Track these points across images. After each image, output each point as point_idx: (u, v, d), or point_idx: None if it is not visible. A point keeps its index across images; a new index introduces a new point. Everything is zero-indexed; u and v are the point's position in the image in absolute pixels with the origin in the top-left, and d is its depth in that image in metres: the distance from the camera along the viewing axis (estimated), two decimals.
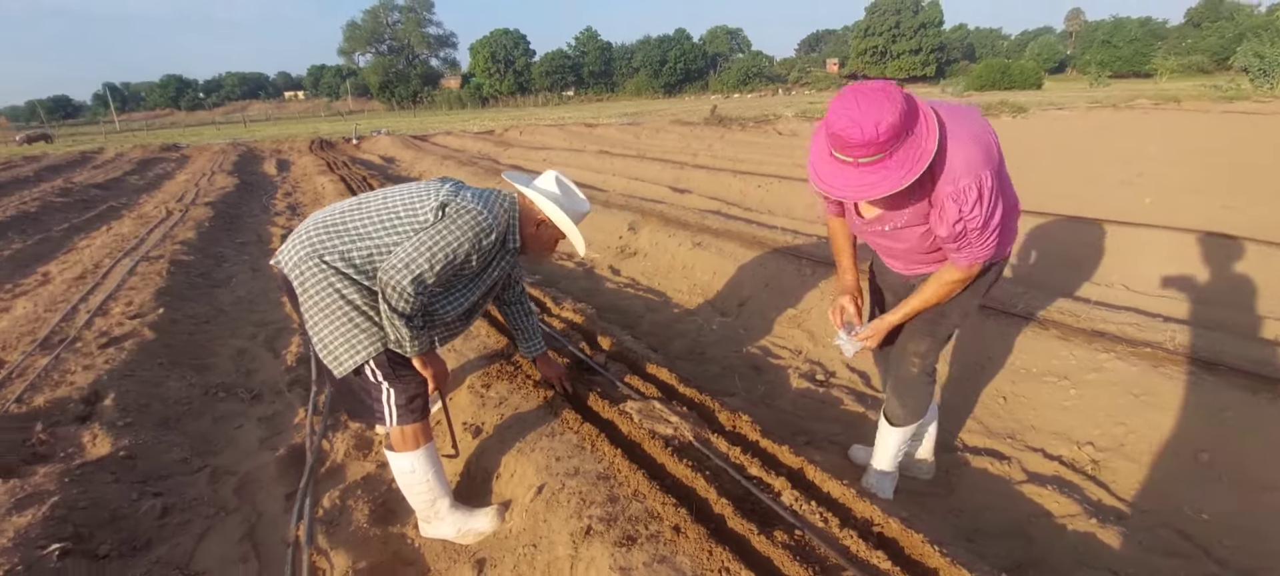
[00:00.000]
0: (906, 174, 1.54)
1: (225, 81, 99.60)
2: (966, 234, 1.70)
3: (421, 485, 2.13)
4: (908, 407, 2.19)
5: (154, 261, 5.47)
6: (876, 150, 1.51)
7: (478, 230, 1.94)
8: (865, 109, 1.48)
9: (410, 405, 2.04)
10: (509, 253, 2.14)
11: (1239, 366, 2.63)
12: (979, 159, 1.63)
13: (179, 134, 33.86)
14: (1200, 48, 57.50)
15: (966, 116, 1.72)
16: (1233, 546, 2.08)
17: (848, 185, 1.59)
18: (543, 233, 2.15)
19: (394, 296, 1.85)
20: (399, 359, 2.02)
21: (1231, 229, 4.68)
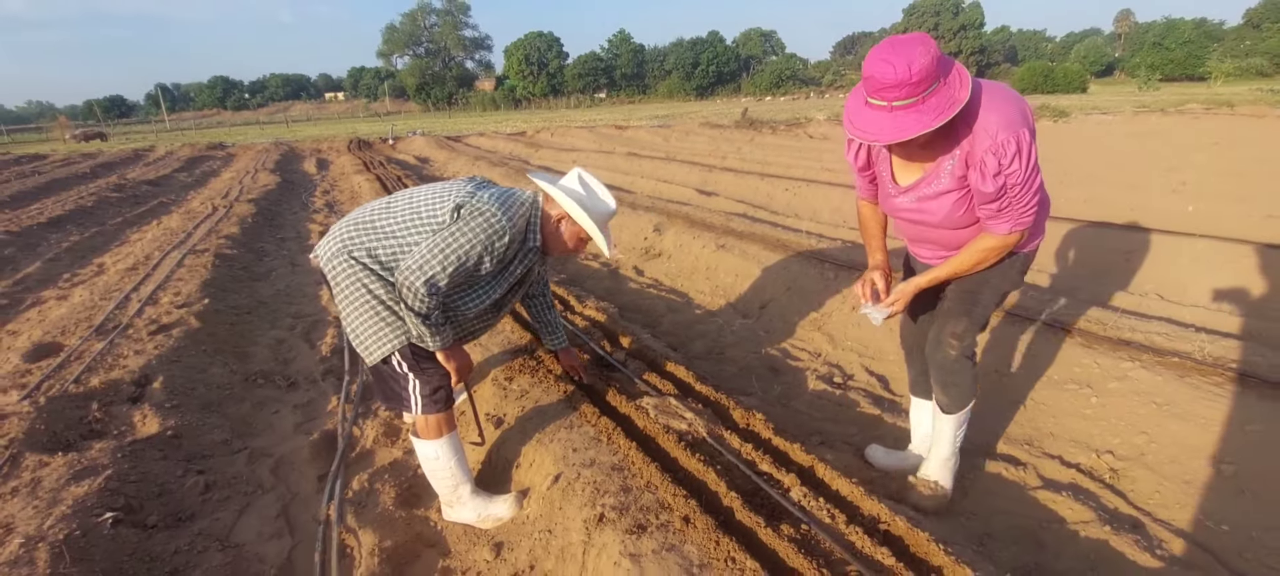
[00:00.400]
0: (938, 115, 1.60)
1: (269, 82, 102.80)
2: (1007, 191, 1.73)
3: (444, 471, 2.22)
4: (952, 394, 2.18)
5: (200, 255, 5.73)
6: (910, 92, 1.59)
7: (490, 232, 1.97)
8: (900, 51, 1.57)
9: (434, 396, 2.12)
10: (529, 251, 2.16)
11: (1269, 378, 2.57)
12: (1016, 117, 1.68)
13: (225, 133, 35.10)
14: (1259, 50, 55.20)
15: (999, 86, 1.78)
16: (1253, 559, 2.05)
17: (882, 128, 1.66)
18: (565, 231, 2.17)
19: (409, 297, 1.92)
20: (423, 351, 2.10)
21: (1271, 238, 4.54)
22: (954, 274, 1.98)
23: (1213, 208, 6.15)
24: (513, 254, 2.12)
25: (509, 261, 2.14)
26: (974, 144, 1.72)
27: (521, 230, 2.08)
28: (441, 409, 2.15)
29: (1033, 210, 1.78)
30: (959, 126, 1.74)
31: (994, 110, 1.69)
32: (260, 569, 2.16)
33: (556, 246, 2.21)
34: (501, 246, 2.01)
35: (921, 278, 2.03)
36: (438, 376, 2.13)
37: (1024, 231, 1.84)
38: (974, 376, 2.18)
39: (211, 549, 2.21)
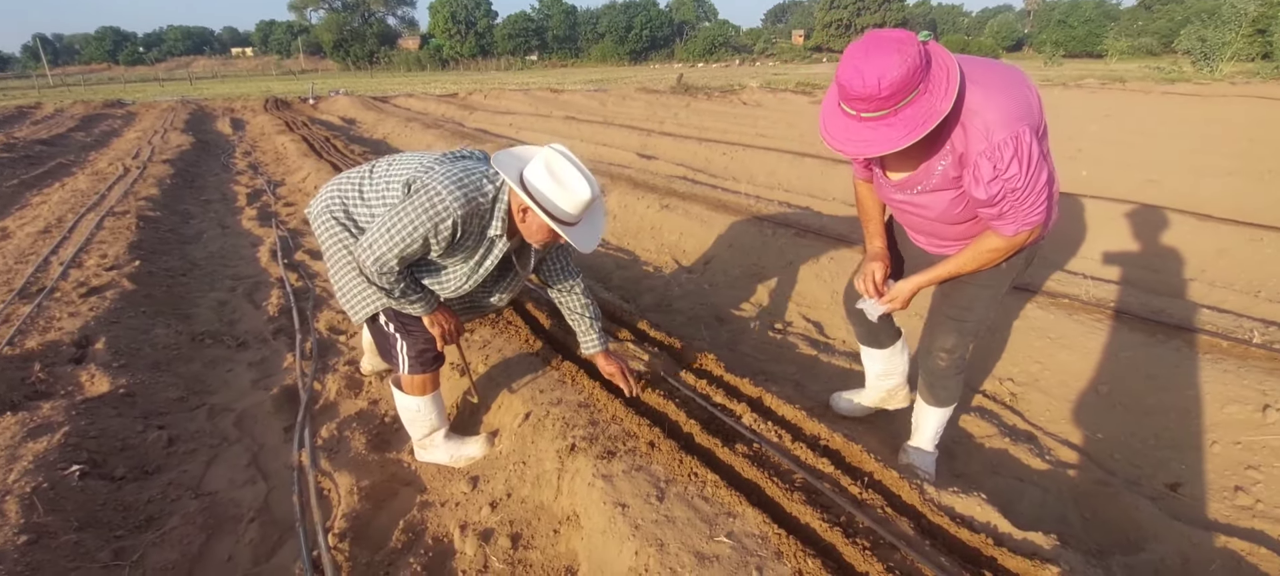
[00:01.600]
0: (909, 133, 1.45)
1: (167, 35, 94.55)
2: (1005, 197, 1.56)
3: (422, 420, 2.33)
4: (939, 396, 2.18)
5: (120, 217, 5.44)
6: (880, 105, 1.44)
7: (433, 215, 1.83)
8: (872, 60, 1.41)
9: (420, 358, 2.18)
10: (492, 241, 2.00)
11: (1138, 314, 3.01)
12: (1016, 111, 1.50)
13: (121, 90, 32.23)
14: (1150, 30, 59.59)
15: (1005, 71, 1.60)
16: (1122, 459, 2.45)
17: (850, 139, 1.53)
18: (530, 223, 1.94)
19: (364, 273, 1.94)
20: (409, 318, 2.14)
21: (1151, 200, 5.14)
22: (956, 273, 1.84)
23: (1102, 173, 6.82)
24: (471, 242, 1.96)
25: (472, 251, 2.00)
26: (968, 144, 1.55)
27: (478, 215, 1.90)
28: (426, 369, 2.21)
29: (1041, 209, 1.60)
30: (949, 123, 1.55)
31: (991, 105, 1.51)
32: (237, 512, 2.22)
33: (529, 236, 1.99)
34: (446, 231, 1.85)
35: (921, 277, 1.91)
36: (423, 338, 2.16)
37: (1033, 229, 1.66)
38: (960, 383, 2.17)
39: (185, 497, 2.26)
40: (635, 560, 1.71)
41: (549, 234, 1.94)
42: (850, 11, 75.93)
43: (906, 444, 2.38)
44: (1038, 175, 1.54)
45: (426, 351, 2.18)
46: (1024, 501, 2.18)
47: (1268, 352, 2.63)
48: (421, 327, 2.15)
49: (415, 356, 2.17)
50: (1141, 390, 2.62)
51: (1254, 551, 1.93)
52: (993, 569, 1.69)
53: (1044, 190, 1.57)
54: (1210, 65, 27.42)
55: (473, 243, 1.97)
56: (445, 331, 2.15)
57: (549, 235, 1.95)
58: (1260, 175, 6.52)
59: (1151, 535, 2.02)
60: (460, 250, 1.98)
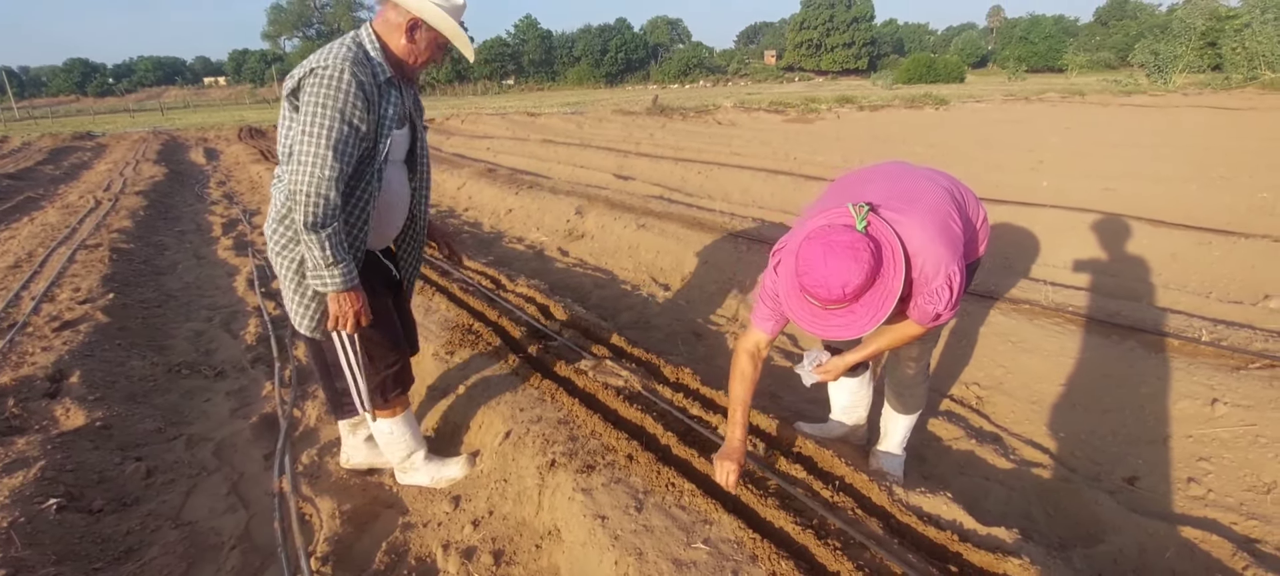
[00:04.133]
0: (875, 317, 1.62)
1: (138, 66, 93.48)
2: (940, 316, 1.81)
3: (398, 443, 2.30)
4: (906, 404, 2.30)
5: (93, 250, 5.39)
6: (846, 302, 1.60)
7: (334, 85, 1.67)
8: (833, 268, 1.56)
9: (382, 388, 2.09)
10: (383, 84, 1.82)
11: (1096, 317, 3.14)
12: (945, 254, 1.70)
13: (90, 121, 31.77)
14: (1106, 44, 61.79)
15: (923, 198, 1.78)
16: (1083, 457, 2.56)
17: (815, 324, 1.70)
18: (421, 40, 1.84)
19: (309, 206, 1.68)
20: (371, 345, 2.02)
21: (1108, 207, 5.35)
22: (878, 351, 2.04)
23: (1063, 182, 7.07)
24: (376, 98, 1.80)
25: (380, 110, 1.82)
26: (912, 290, 1.76)
27: (362, 64, 1.75)
28: (390, 398, 2.14)
29: (952, 313, 1.82)
30: None
31: (928, 254, 1.70)
32: (218, 541, 2.22)
33: (411, 60, 1.87)
34: (357, 93, 1.70)
35: (852, 355, 2.06)
36: (381, 366, 2.08)
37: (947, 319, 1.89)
38: (926, 390, 2.31)
39: (164, 527, 2.25)
40: (615, 569, 1.75)
41: (435, 48, 1.87)
42: (820, 32, 77.63)
43: (875, 448, 2.46)
44: (959, 293, 1.77)
45: (386, 379, 2.10)
46: (990, 499, 2.27)
47: (1215, 350, 2.77)
48: (381, 354, 2.05)
49: (376, 388, 2.09)
50: (1099, 389, 2.73)
51: (1206, 538, 2.03)
52: (958, 563, 1.76)
53: (959, 300, 1.80)
54: (1163, 77, 28.48)
55: (379, 104, 1.81)
56: (357, 310, 1.87)
57: (435, 50, 1.87)
58: (1211, 181, 6.80)
59: (1110, 527, 2.11)
60: (374, 118, 1.79)
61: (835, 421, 2.63)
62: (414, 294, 3.78)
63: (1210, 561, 1.96)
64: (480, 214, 7.39)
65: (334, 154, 1.68)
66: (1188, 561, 1.98)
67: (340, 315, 1.86)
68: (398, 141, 1.94)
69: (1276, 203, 5.72)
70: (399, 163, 2.01)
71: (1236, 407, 2.42)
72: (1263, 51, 25.71)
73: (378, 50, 1.82)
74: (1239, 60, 26.51)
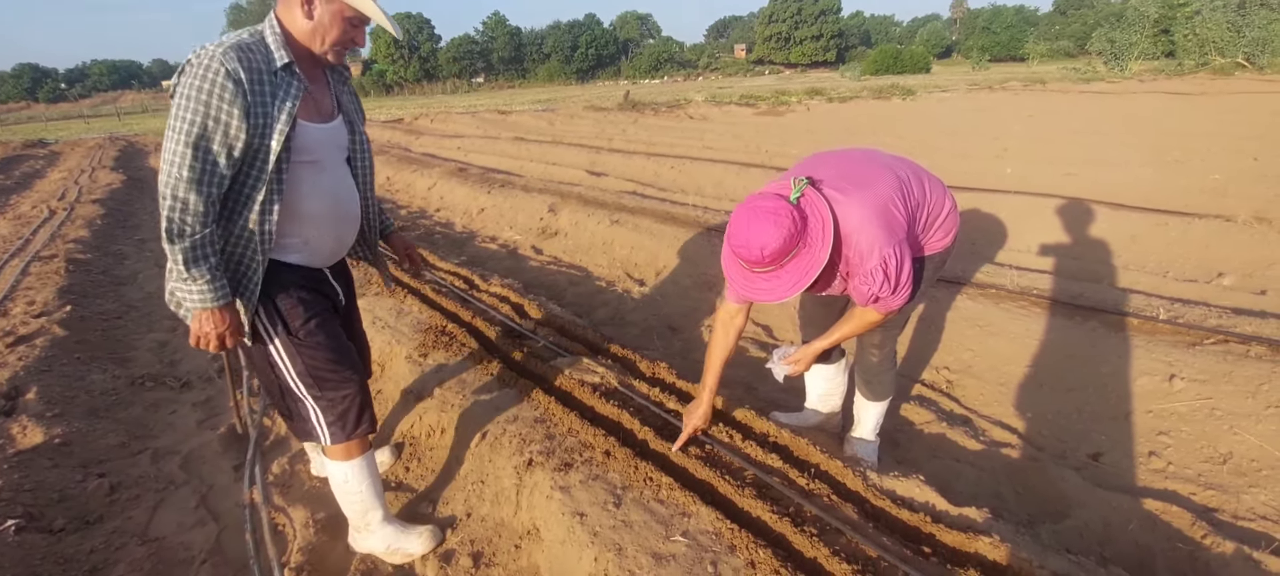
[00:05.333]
0: (796, 284, 1.70)
1: (91, 70, 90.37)
2: (881, 300, 1.85)
3: (354, 495, 1.99)
4: (875, 390, 2.33)
5: (47, 261, 5.21)
6: (770, 263, 1.69)
7: (199, 70, 1.48)
8: (754, 231, 1.65)
9: (341, 421, 1.86)
10: (283, 72, 1.60)
11: (1059, 299, 3.22)
12: (881, 236, 1.74)
13: (42, 128, 30.65)
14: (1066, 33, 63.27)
15: (872, 186, 1.81)
16: (1049, 436, 2.62)
17: (749, 288, 1.80)
18: (321, 16, 1.62)
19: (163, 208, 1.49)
20: (326, 369, 1.80)
21: (1070, 192, 5.49)
22: (843, 338, 2.09)
23: (1026, 169, 7.23)
24: (262, 88, 1.56)
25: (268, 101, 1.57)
26: (848, 267, 1.82)
27: (250, 52, 1.55)
28: (352, 434, 1.89)
29: (905, 296, 1.84)
30: (833, 259, 1.78)
31: (863, 236, 1.75)
32: (187, 555, 2.17)
33: (320, 41, 1.66)
34: (228, 86, 1.48)
35: (819, 343, 2.13)
36: (341, 397, 1.85)
37: (903, 307, 1.93)
38: (894, 376, 2.34)
39: (130, 544, 2.19)
40: (595, 566, 1.75)
41: (346, 22, 1.65)
42: (788, 25, 78.21)
43: (850, 435, 2.49)
44: (901, 278, 1.79)
45: (348, 413, 1.86)
46: (961, 480, 2.32)
47: (1173, 327, 2.86)
48: (340, 383, 1.83)
49: (335, 421, 1.85)
50: (1064, 369, 2.81)
51: (1167, 509, 2.10)
52: (931, 544, 1.79)
53: (908, 283, 1.82)
54: (1120, 65, 29.28)
55: (269, 95, 1.57)
56: (212, 335, 1.62)
57: (346, 24, 1.65)
58: (1166, 165, 7.02)
59: (1076, 503, 2.18)
60: (259, 112, 1.55)
61: (811, 410, 2.67)
62: (386, 296, 3.75)
63: (1171, 531, 2.03)
64: (452, 214, 7.31)
65: (192, 152, 1.47)
66: (1150, 532, 2.04)
67: (199, 336, 1.61)
68: (313, 136, 1.68)
69: (1228, 184, 5.92)
70: (323, 163, 1.75)
71: (1193, 382, 2.51)
72: (1212, 38, 26.59)
73: (278, 35, 1.61)
74: (1191, 47, 27.40)
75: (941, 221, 2.07)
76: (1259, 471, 2.22)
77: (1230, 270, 3.90)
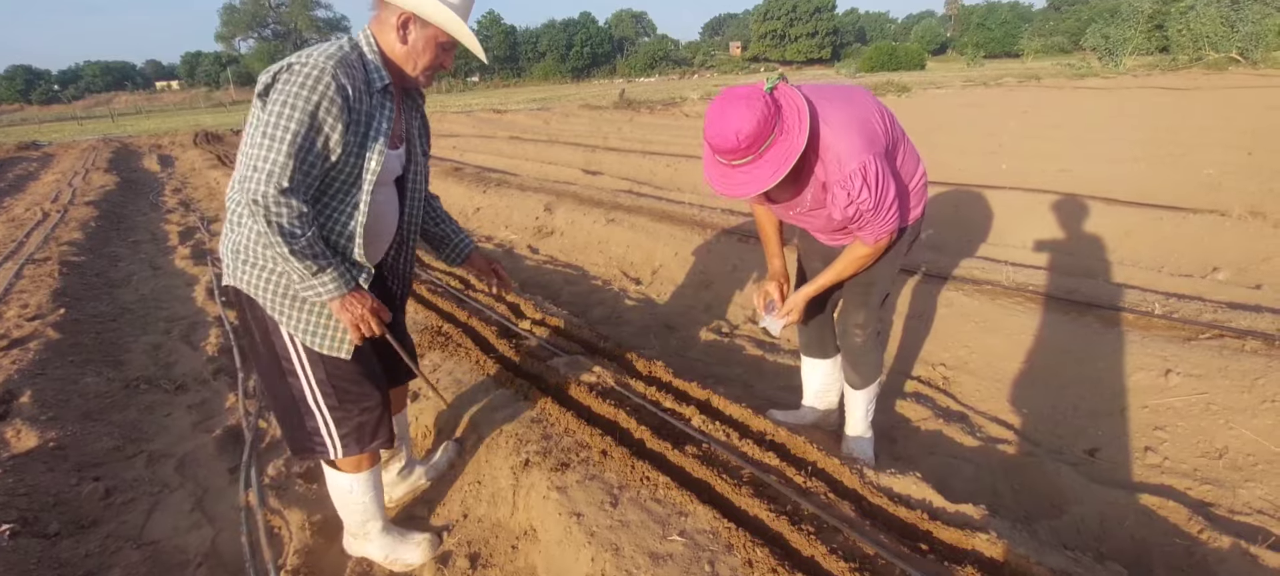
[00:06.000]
0: (774, 172, 1.67)
1: (85, 71, 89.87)
2: (861, 216, 1.79)
3: (357, 505, 1.94)
4: (862, 373, 2.31)
5: (41, 264, 5.18)
6: (744, 153, 1.66)
7: (309, 73, 1.45)
8: (727, 118, 1.64)
9: (357, 432, 1.78)
10: (378, 93, 1.60)
11: (1055, 295, 3.23)
12: (861, 144, 1.72)
13: (35, 131, 30.44)
14: (1060, 29, 63.41)
15: (852, 101, 1.81)
16: (1045, 431, 2.63)
17: (726, 183, 1.76)
18: (416, 40, 1.60)
19: (261, 214, 1.45)
20: (350, 381, 1.74)
21: (1065, 188, 5.50)
22: (837, 279, 2.06)
23: (1021, 165, 7.24)
24: (363, 107, 1.56)
25: (362, 120, 1.56)
26: (826, 174, 1.77)
27: (352, 67, 1.53)
28: (365, 446, 1.81)
29: (893, 220, 1.83)
30: (810, 159, 1.77)
31: (840, 138, 1.72)
32: (183, 559, 2.16)
33: (413, 64, 1.64)
34: (336, 97, 1.47)
35: (809, 287, 2.11)
36: (362, 413, 1.77)
37: (891, 235, 1.90)
38: (880, 357, 2.35)
39: (125, 548, 2.18)
40: (592, 566, 1.75)
41: (438, 48, 1.64)
42: (784, 22, 78.18)
43: (845, 434, 2.49)
44: (886, 195, 1.76)
45: (365, 426, 1.78)
46: (958, 477, 2.32)
47: (1168, 322, 2.87)
48: (355, 393, 1.74)
49: (350, 433, 1.76)
50: (1060, 365, 2.81)
51: (1163, 505, 2.11)
52: (929, 541, 1.80)
53: (893, 205, 1.80)
54: (1114, 60, 29.35)
55: (367, 115, 1.57)
56: (364, 313, 1.63)
57: (438, 50, 1.64)
58: (1161, 160, 7.04)
59: (1073, 498, 2.18)
60: (357, 129, 1.55)
61: (808, 408, 2.67)
62: None
63: (1168, 526, 2.03)
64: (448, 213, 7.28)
65: (297, 157, 1.44)
66: (1146, 527, 2.05)
67: (355, 322, 1.63)
68: (390, 162, 1.68)
69: (1222, 179, 5.94)
70: (388, 185, 1.76)
71: (1189, 377, 2.51)
72: (1206, 32, 26.65)
73: (376, 53, 1.60)
74: (1184, 41, 27.46)
75: (915, 184, 2.06)
76: (1255, 466, 2.23)
77: (1225, 265, 3.91)
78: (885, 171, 1.75)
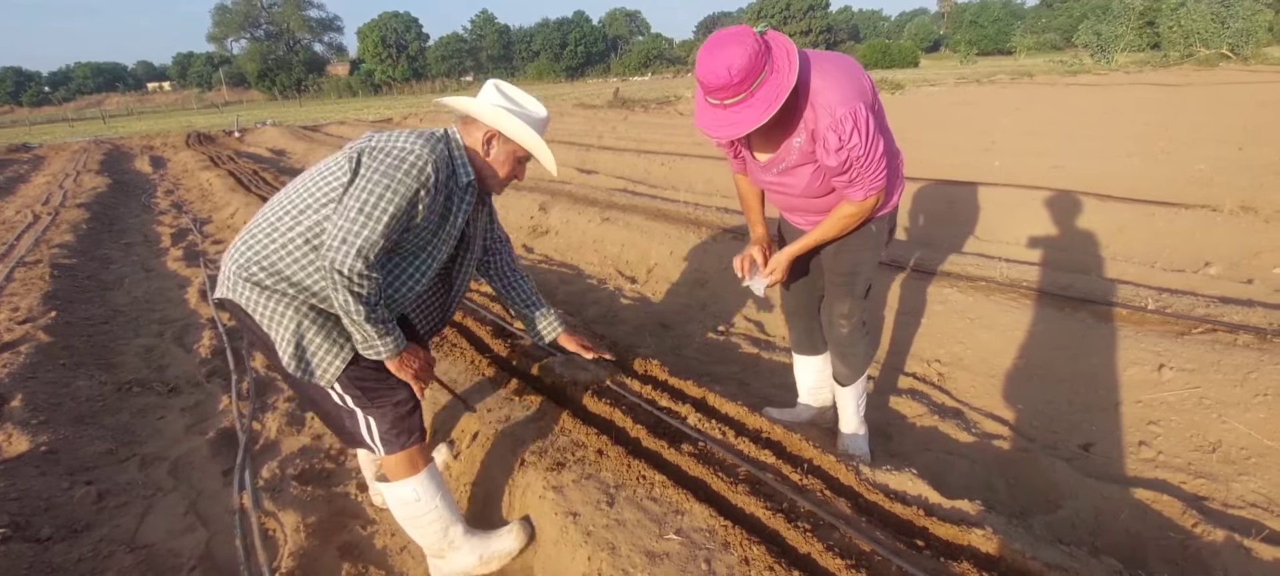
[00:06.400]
0: (767, 109, 1.68)
1: (75, 73, 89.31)
2: (852, 164, 1.79)
3: (429, 514, 1.83)
4: (850, 365, 2.29)
5: (32, 267, 5.14)
6: (736, 90, 1.66)
7: (410, 163, 1.56)
8: (718, 55, 1.64)
9: (395, 428, 1.75)
10: (465, 190, 1.75)
11: (1048, 291, 3.24)
12: (851, 91, 1.75)
13: (26, 133, 30.24)
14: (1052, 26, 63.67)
15: (840, 60, 1.85)
16: (1040, 426, 2.64)
17: (720, 124, 1.75)
18: (496, 154, 1.76)
19: (342, 283, 1.52)
20: (371, 380, 1.73)
21: (1058, 184, 5.52)
22: (822, 240, 2.05)
23: (1014, 161, 7.26)
24: (444, 197, 1.69)
25: (445, 209, 1.71)
26: (816, 121, 1.78)
27: (447, 161, 1.68)
28: (411, 441, 1.78)
29: (882, 175, 1.85)
30: (800, 105, 1.79)
31: (831, 86, 1.75)
32: (177, 562, 2.14)
33: (491, 175, 1.80)
34: (430, 177, 1.59)
35: (793, 246, 2.11)
36: (394, 403, 1.75)
37: (878, 194, 1.92)
38: (867, 347, 2.32)
39: (118, 552, 2.16)
40: (589, 565, 1.75)
41: (516, 162, 1.81)
42: (777, 20, 78.22)
43: (839, 431, 2.48)
44: (876, 144, 1.80)
45: (402, 419, 1.76)
46: (953, 473, 2.32)
47: (1161, 317, 2.88)
48: (388, 391, 1.75)
49: (389, 429, 1.75)
50: (1054, 360, 2.82)
51: (1157, 499, 2.11)
52: (924, 538, 1.80)
53: (883, 158, 1.84)
54: (1106, 57, 29.49)
55: (444, 207, 1.72)
56: (420, 368, 1.76)
57: (516, 164, 1.81)
58: (1153, 156, 7.07)
59: (1068, 493, 2.19)
60: (433, 215, 1.69)
61: (803, 405, 2.67)
62: None
63: (1162, 520, 2.04)
64: None
65: (384, 233, 1.55)
66: (1141, 521, 2.05)
67: (413, 376, 1.76)
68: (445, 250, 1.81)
69: (1213, 174, 5.97)
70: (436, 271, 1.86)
71: (1182, 372, 2.52)
72: (1197, 29, 26.82)
73: (462, 153, 1.74)
74: (1175, 38, 27.62)
75: (896, 165, 2.07)
76: (1248, 459, 2.24)
77: (1217, 259, 3.93)
78: (874, 123, 1.79)
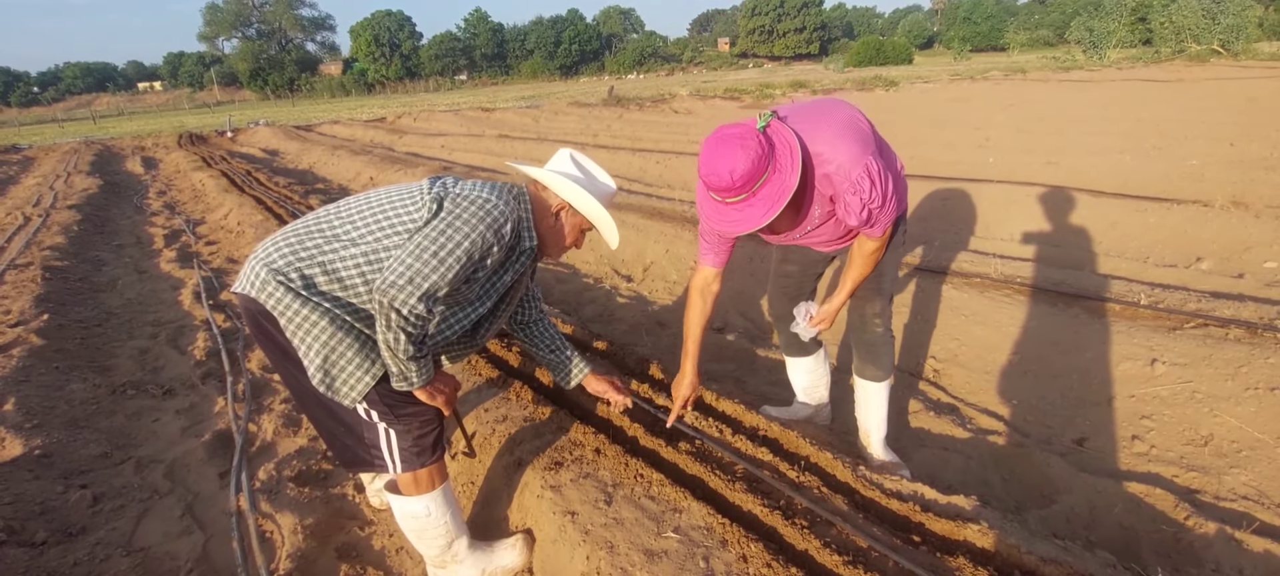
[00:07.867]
0: (770, 210, 1.69)
1: (64, 73, 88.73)
2: (873, 214, 1.84)
3: (437, 529, 1.83)
4: (881, 364, 2.30)
5: (23, 269, 5.11)
6: (738, 192, 1.67)
7: (492, 218, 1.60)
8: (722, 157, 1.65)
9: (417, 445, 1.73)
10: (523, 253, 1.78)
11: (1042, 286, 3.26)
12: (858, 148, 1.77)
13: (15, 134, 29.97)
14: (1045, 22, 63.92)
15: (832, 112, 1.85)
16: (1034, 421, 2.66)
17: (723, 221, 1.78)
18: (563, 224, 1.82)
19: (397, 320, 1.50)
20: (398, 396, 1.69)
21: (1051, 181, 5.55)
22: (858, 282, 2.09)
23: (1008, 158, 7.29)
24: (509, 253, 1.74)
25: (500, 268, 1.76)
26: (833, 187, 1.81)
27: (517, 222, 1.72)
28: (430, 460, 1.76)
29: (893, 209, 1.88)
30: (811, 181, 1.82)
31: (837, 150, 1.76)
32: (173, 566, 2.14)
33: (554, 243, 1.85)
34: (507, 238, 1.65)
35: (837, 299, 2.14)
36: (419, 421, 1.73)
37: (893, 222, 1.96)
38: (893, 346, 2.34)
39: (115, 555, 2.16)
40: (587, 565, 1.75)
41: (580, 233, 1.87)
42: (771, 17, 78.31)
43: (869, 449, 2.40)
44: (888, 188, 1.82)
45: (425, 436, 1.74)
46: (949, 468, 2.34)
47: (1153, 312, 2.90)
48: (413, 406, 1.71)
49: (410, 447, 1.72)
50: (1048, 356, 2.84)
51: (1151, 492, 2.13)
52: (921, 533, 1.81)
53: (893, 194, 1.86)
54: (1099, 53, 29.63)
55: (505, 266, 1.78)
56: (449, 396, 1.75)
57: (579, 235, 1.87)
58: (1146, 151, 7.11)
59: (1063, 488, 2.20)
60: (496, 277, 1.77)
61: (800, 403, 2.68)
62: None
63: (1155, 513, 2.06)
64: None
65: (450, 281, 1.55)
66: (1134, 515, 2.07)
67: (444, 403, 1.75)
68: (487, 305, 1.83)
69: (1205, 170, 6.01)
70: None
71: (1174, 366, 2.55)
72: (1188, 25, 26.98)
73: (530, 217, 1.77)
74: (1167, 34, 27.78)
75: (899, 173, 2.07)
76: (1239, 452, 2.26)
77: (1209, 254, 3.96)
78: (883, 166, 1.80)
